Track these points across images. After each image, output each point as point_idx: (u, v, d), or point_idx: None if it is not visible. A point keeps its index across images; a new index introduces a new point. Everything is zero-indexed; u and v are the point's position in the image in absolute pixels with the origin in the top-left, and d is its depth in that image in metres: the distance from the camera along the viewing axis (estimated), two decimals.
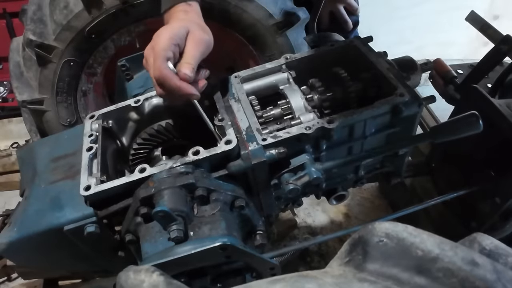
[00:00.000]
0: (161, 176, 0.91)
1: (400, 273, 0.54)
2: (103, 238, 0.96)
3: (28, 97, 1.43)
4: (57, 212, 0.94)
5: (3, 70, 2.91)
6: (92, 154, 1.00)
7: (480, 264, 0.51)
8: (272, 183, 0.99)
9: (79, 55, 1.39)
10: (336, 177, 1.12)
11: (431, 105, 1.91)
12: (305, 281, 0.53)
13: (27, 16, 1.35)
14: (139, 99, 1.10)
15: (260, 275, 0.91)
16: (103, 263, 1.06)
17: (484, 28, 1.53)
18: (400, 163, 1.16)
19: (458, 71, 1.68)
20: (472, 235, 0.61)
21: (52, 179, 1.02)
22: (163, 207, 0.80)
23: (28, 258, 1.06)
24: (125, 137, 1.14)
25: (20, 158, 1.17)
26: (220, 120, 0.99)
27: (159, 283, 0.56)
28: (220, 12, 1.37)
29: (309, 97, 1.07)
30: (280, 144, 0.93)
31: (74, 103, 1.48)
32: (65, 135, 1.15)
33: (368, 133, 1.03)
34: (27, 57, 1.40)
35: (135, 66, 1.26)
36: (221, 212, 0.88)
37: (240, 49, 1.51)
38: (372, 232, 0.58)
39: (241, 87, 1.09)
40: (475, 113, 0.89)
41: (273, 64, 1.14)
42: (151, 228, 0.88)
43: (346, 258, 0.61)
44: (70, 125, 1.49)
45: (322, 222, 2.28)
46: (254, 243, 0.99)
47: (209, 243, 0.80)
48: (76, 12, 1.30)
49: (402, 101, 0.97)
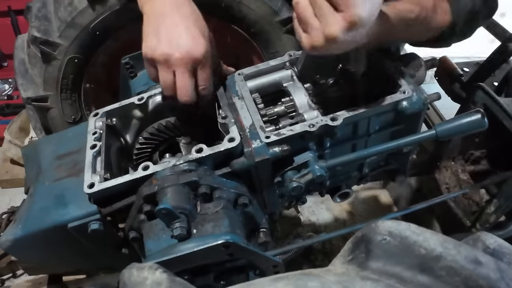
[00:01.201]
0: (164, 174, 0.91)
1: (403, 271, 0.54)
2: (107, 235, 0.96)
3: (32, 94, 1.44)
4: (61, 209, 0.95)
5: (8, 67, 2.94)
6: (96, 152, 1.00)
7: (483, 263, 0.51)
8: (276, 181, 0.99)
9: (83, 52, 1.39)
10: (340, 175, 1.12)
11: (436, 103, 1.90)
12: (308, 279, 0.53)
13: (32, 14, 1.36)
14: (142, 97, 1.10)
15: (264, 273, 0.90)
16: (107, 260, 1.06)
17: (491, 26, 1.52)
18: (405, 160, 1.16)
19: (464, 69, 1.68)
20: (476, 234, 0.61)
21: (57, 176, 1.03)
22: (166, 205, 0.80)
23: (33, 255, 1.06)
24: (129, 134, 1.15)
25: (25, 155, 1.17)
26: (223, 117, 0.99)
27: (162, 280, 0.56)
28: (224, 9, 1.37)
29: (312, 94, 1.06)
30: (283, 141, 0.93)
31: (78, 100, 1.49)
32: (70, 132, 1.16)
33: (372, 130, 1.02)
34: (32, 54, 1.40)
35: (139, 63, 1.26)
36: (224, 210, 0.88)
37: (244, 46, 1.51)
38: (375, 230, 0.58)
39: (245, 85, 1.09)
40: (480, 110, 0.89)
41: (277, 61, 1.13)
42: (155, 225, 0.89)
43: (349, 256, 0.61)
44: (75, 122, 1.50)
45: (326, 220, 2.28)
46: (257, 241, 0.99)
47: (212, 241, 0.80)
48: (80, 9, 1.31)
49: (407, 98, 0.96)
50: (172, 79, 0.96)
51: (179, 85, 0.97)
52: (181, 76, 0.96)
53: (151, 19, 0.99)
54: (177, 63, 0.95)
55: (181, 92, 0.97)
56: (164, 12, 0.98)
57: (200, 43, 0.96)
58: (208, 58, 0.98)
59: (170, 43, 0.94)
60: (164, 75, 0.97)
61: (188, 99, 0.98)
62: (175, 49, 0.94)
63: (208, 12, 1.37)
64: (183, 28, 0.96)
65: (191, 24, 0.98)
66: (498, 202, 1.26)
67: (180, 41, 0.95)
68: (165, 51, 0.94)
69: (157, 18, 0.98)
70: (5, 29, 2.68)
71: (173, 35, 0.95)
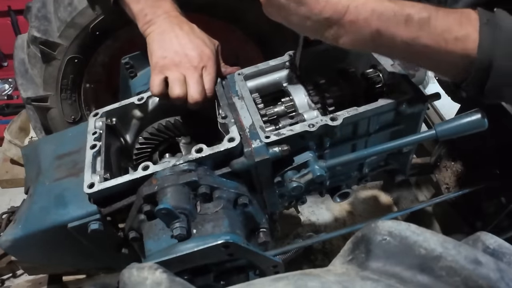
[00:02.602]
0: (164, 174, 0.91)
1: (403, 271, 0.54)
2: (107, 235, 0.96)
3: (32, 94, 1.44)
4: (61, 209, 0.95)
5: (8, 67, 2.94)
6: (95, 152, 1.00)
7: (483, 263, 0.51)
8: (276, 181, 0.99)
9: (83, 52, 1.39)
10: (340, 175, 1.12)
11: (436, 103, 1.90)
12: (308, 279, 0.53)
13: (32, 14, 1.36)
14: (142, 97, 1.10)
15: (264, 273, 0.90)
16: (107, 260, 1.06)
17: None
18: (405, 160, 1.16)
19: None
20: (476, 234, 0.61)
21: (56, 176, 1.03)
22: (166, 205, 0.80)
23: (33, 255, 1.06)
24: (128, 134, 1.15)
25: (25, 155, 1.17)
26: (223, 117, 0.99)
27: (162, 280, 0.56)
28: (224, 9, 1.36)
29: (312, 94, 1.06)
30: (283, 141, 0.93)
31: (78, 100, 1.49)
32: (69, 132, 1.16)
33: (372, 130, 1.02)
34: (31, 54, 1.40)
35: (139, 63, 1.26)
36: (224, 210, 0.88)
37: (244, 46, 1.51)
38: (375, 230, 0.58)
39: (245, 85, 1.09)
40: (480, 110, 0.89)
41: (277, 61, 1.13)
42: (155, 225, 0.89)
43: (349, 256, 0.61)
44: (75, 122, 1.50)
45: (326, 220, 2.28)
46: (257, 241, 0.99)
47: (212, 241, 0.80)
48: (80, 9, 1.31)
49: (406, 98, 0.96)
50: (183, 78, 1.02)
51: (190, 83, 1.01)
52: (192, 76, 1.02)
53: (155, 39, 1.06)
54: (186, 67, 1.02)
55: (193, 90, 1.01)
56: (166, 30, 1.06)
57: (203, 52, 1.05)
58: (212, 63, 1.06)
59: (177, 53, 1.03)
60: (175, 75, 1.01)
61: (199, 97, 1.02)
62: (183, 57, 1.03)
63: (208, 12, 1.38)
64: (187, 41, 1.05)
65: (193, 37, 1.06)
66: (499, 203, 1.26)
67: (186, 51, 1.04)
68: (174, 59, 1.03)
69: (161, 36, 1.06)
70: (5, 29, 2.68)
71: (179, 47, 1.04)
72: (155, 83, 1.02)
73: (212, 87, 1.05)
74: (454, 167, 1.47)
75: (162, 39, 1.05)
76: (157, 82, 1.02)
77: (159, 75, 1.02)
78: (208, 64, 1.05)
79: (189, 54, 1.03)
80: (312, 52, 1.05)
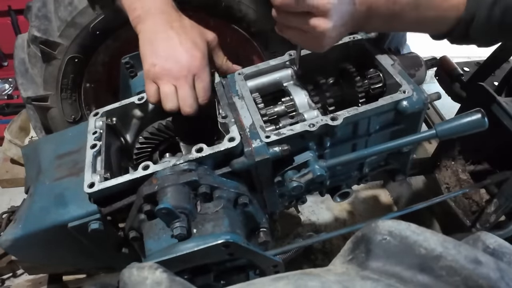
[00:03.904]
0: (164, 173, 0.91)
1: (403, 271, 0.54)
2: (107, 235, 0.96)
3: (33, 93, 1.44)
4: (62, 209, 0.95)
5: (8, 67, 2.93)
6: (96, 152, 1.00)
7: (483, 262, 0.51)
8: (276, 181, 0.99)
9: (83, 51, 1.39)
10: (340, 175, 1.12)
11: (436, 103, 1.90)
12: (308, 279, 0.53)
13: (32, 13, 1.36)
14: (142, 96, 1.10)
15: (264, 272, 0.90)
16: (107, 259, 1.06)
17: None
18: (405, 160, 1.16)
19: (465, 68, 1.68)
20: (476, 234, 0.61)
21: (57, 176, 1.02)
22: (166, 204, 0.80)
23: (33, 255, 1.06)
24: (129, 134, 1.15)
25: (25, 155, 1.17)
26: (223, 117, 0.99)
27: (162, 280, 0.56)
28: (224, 8, 1.36)
29: (313, 94, 1.06)
30: (283, 141, 0.93)
31: (78, 100, 1.49)
32: (70, 132, 1.16)
33: (372, 130, 1.02)
34: (32, 54, 1.40)
35: (139, 63, 1.25)
36: (224, 209, 0.88)
37: (244, 45, 1.51)
38: (375, 230, 0.58)
39: (245, 84, 1.09)
40: (480, 110, 0.89)
41: (277, 61, 1.13)
42: (155, 225, 0.89)
43: (349, 256, 0.61)
44: (75, 121, 1.50)
45: (326, 220, 2.28)
46: (257, 241, 0.99)
47: (212, 241, 0.80)
48: (80, 8, 1.31)
49: (407, 98, 0.96)
50: (174, 91, 0.99)
51: (181, 97, 0.99)
52: (182, 88, 0.99)
53: (146, 39, 1.03)
54: (177, 76, 0.99)
55: (184, 103, 0.99)
56: (156, 30, 1.03)
57: (194, 56, 1.00)
58: (204, 69, 1.02)
59: (167, 59, 0.99)
60: (166, 87, 0.99)
61: (191, 110, 1.00)
62: (173, 64, 0.99)
63: (208, 12, 1.38)
64: (177, 43, 1.01)
65: (183, 38, 1.02)
66: (498, 202, 1.26)
67: (177, 56, 1.00)
68: (165, 66, 0.99)
69: (151, 37, 1.02)
70: (5, 28, 2.68)
71: (169, 51, 1.00)
72: (150, 93, 1.01)
73: (206, 94, 1.03)
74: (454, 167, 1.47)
75: (151, 42, 1.02)
76: (152, 92, 1.01)
77: (153, 84, 1.01)
78: (200, 70, 1.01)
79: (179, 61, 0.99)
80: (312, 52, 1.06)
